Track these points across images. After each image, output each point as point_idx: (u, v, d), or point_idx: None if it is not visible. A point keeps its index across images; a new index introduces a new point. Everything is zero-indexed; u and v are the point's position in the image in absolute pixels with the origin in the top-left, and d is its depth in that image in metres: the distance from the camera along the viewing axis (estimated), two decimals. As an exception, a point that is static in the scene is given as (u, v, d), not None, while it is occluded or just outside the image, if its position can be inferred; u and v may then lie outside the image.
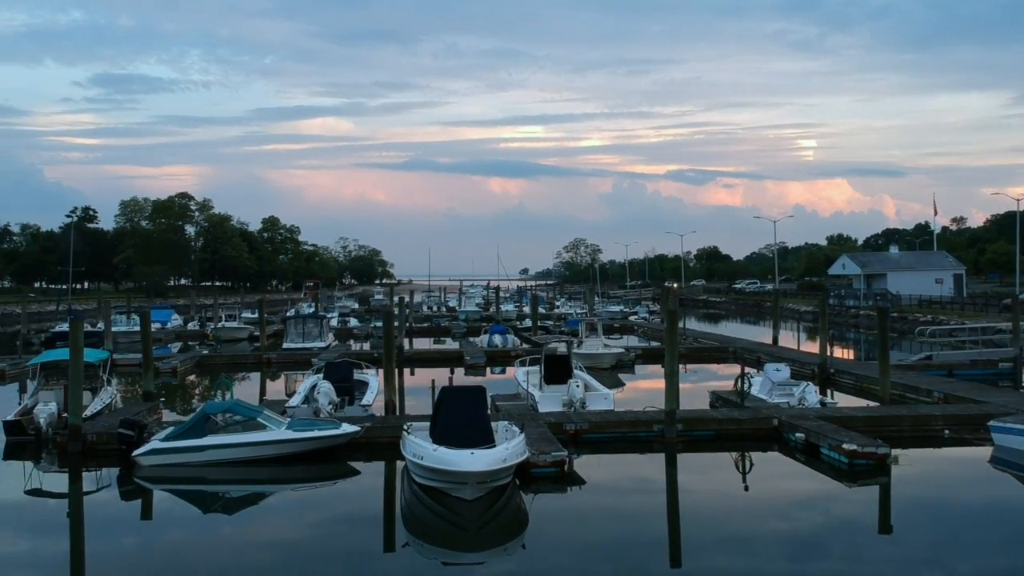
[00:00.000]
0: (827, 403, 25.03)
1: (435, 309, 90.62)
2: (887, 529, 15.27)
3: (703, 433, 21.79)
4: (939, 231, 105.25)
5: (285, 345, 48.82)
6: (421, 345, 54.02)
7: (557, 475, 17.74)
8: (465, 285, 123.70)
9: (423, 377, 33.60)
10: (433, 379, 23.22)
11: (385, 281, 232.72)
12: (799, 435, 20.39)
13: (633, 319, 74.09)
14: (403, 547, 14.23)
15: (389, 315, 26.94)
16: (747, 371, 26.79)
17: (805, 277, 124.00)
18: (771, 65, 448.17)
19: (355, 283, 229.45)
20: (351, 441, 20.39)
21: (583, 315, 62.20)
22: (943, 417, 22.58)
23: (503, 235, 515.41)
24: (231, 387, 26.47)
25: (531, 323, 58.60)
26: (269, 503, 17.94)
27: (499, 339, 47.32)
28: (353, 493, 18.64)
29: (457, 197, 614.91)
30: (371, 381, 29.13)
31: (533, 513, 15.82)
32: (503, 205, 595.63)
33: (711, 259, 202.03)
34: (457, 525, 15.14)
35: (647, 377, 37.16)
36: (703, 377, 36.31)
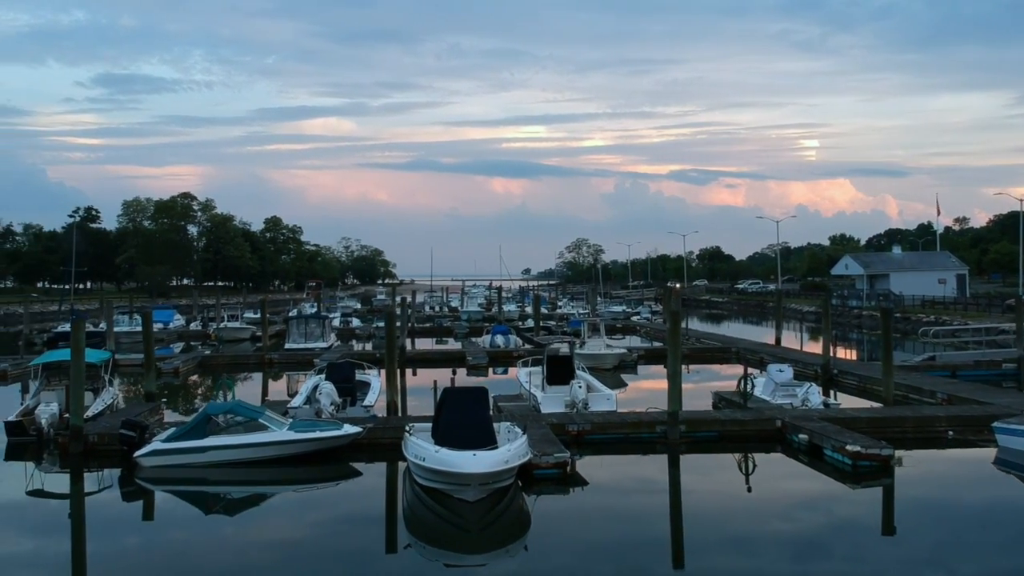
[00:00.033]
0: (830, 404, 24.93)
1: (437, 309, 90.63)
2: (890, 531, 15.21)
3: (706, 434, 21.74)
4: (942, 231, 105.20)
5: (287, 345, 48.81)
6: (423, 345, 54.00)
7: (560, 476, 17.69)
8: (467, 285, 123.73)
9: (425, 377, 33.56)
10: (435, 380, 23.15)
11: (387, 281, 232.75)
12: (802, 436, 20.33)
13: (635, 319, 74.02)
14: (405, 548, 14.21)
15: (391, 316, 26.90)
16: (750, 372, 26.74)
17: (808, 277, 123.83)
18: (774, 65, 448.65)
19: (357, 283, 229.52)
20: (353, 442, 20.36)
21: (585, 315, 62.12)
22: (947, 418, 22.52)
23: (505, 235, 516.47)
24: (233, 388, 26.48)
25: (533, 323, 58.51)
26: (271, 504, 17.91)
27: (501, 339, 47.28)
28: (355, 494, 18.61)
29: (459, 197, 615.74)
30: (373, 382, 29.09)
31: (535, 515, 15.79)
32: (505, 205, 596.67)
33: (713, 259, 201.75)
34: (459, 527, 15.10)
35: (649, 377, 37.13)
36: (705, 377, 36.26)
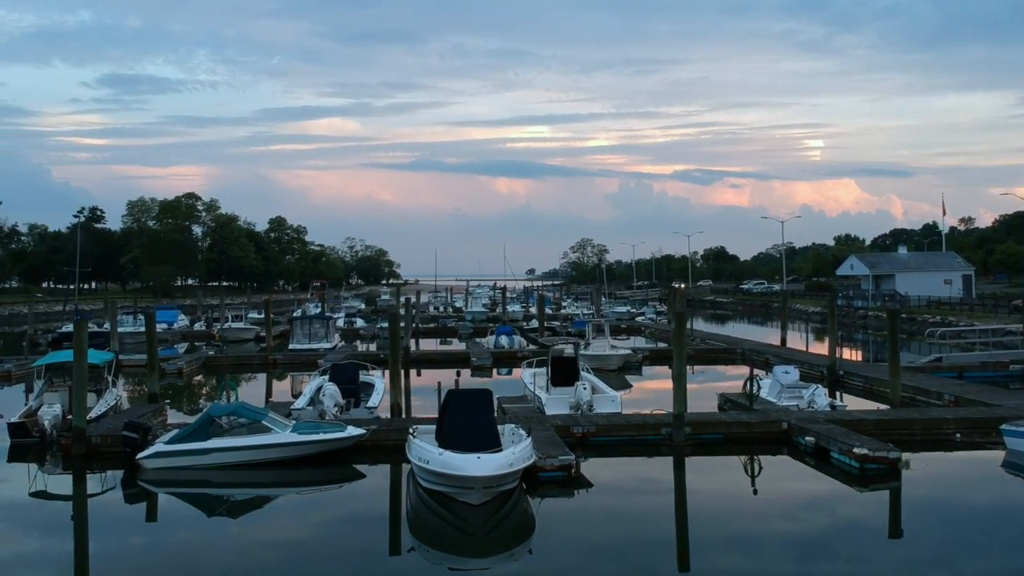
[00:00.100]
0: (837, 406, 24.78)
1: (441, 309, 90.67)
2: (897, 533, 15.13)
3: (712, 436, 21.62)
4: (947, 231, 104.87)
5: (291, 346, 48.77)
6: (427, 346, 53.89)
7: (564, 479, 17.58)
8: (471, 285, 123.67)
9: (429, 378, 33.51)
10: (439, 381, 23.05)
11: (392, 281, 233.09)
12: (809, 439, 20.20)
13: (640, 320, 73.92)
14: (408, 551, 14.14)
15: (395, 317, 26.82)
16: (755, 373, 26.58)
17: (813, 278, 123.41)
18: (778, 65, 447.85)
19: (362, 283, 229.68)
20: (356, 444, 20.28)
21: (590, 316, 62.00)
22: (954, 420, 22.37)
23: (509, 235, 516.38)
24: (236, 389, 26.44)
25: (538, 324, 58.42)
26: (274, 506, 17.82)
27: (505, 340, 47.16)
28: (358, 496, 18.51)
29: (464, 197, 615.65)
30: (377, 383, 28.99)
31: (540, 518, 15.68)
32: (510, 205, 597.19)
33: (718, 259, 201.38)
34: (463, 530, 15.01)
35: (654, 378, 37.01)
36: (710, 378, 36.12)
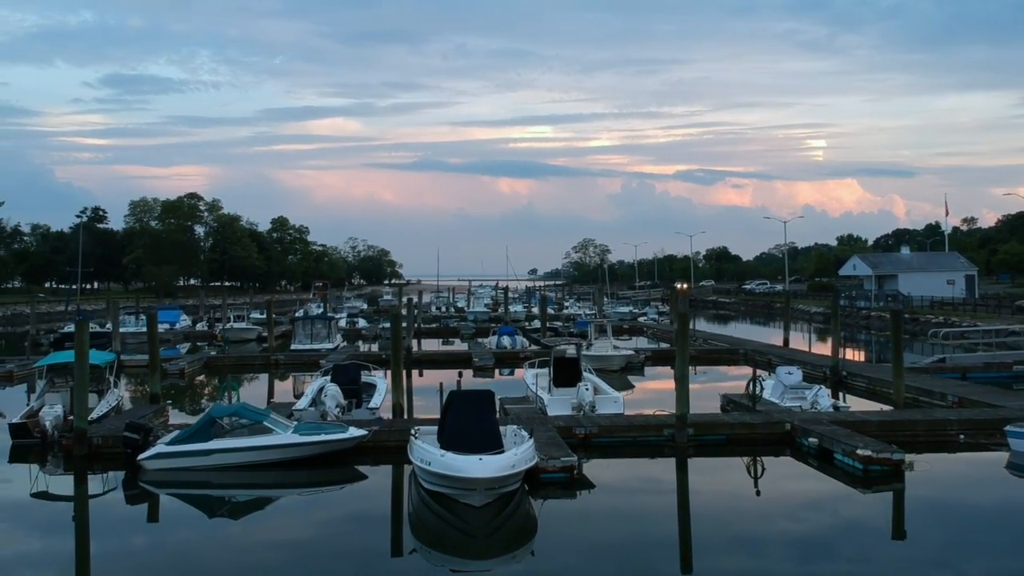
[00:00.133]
0: (840, 407, 24.71)
1: (444, 310, 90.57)
2: (901, 535, 15.07)
3: (714, 437, 21.55)
4: (950, 231, 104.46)
5: (293, 346, 48.71)
6: (430, 346, 53.87)
7: (567, 480, 17.53)
8: (474, 285, 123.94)
9: (431, 378, 33.47)
10: (441, 381, 23.06)
11: (394, 281, 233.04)
12: (812, 440, 20.12)
13: (642, 320, 73.85)
14: (410, 553, 14.10)
15: (397, 317, 26.71)
16: (758, 374, 26.51)
17: (815, 278, 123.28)
18: (780, 65, 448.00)
19: (364, 283, 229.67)
20: (358, 445, 20.21)
21: (592, 316, 61.94)
22: (958, 422, 22.29)
23: (512, 235, 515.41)
24: (238, 389, 26.41)
25: (540, 324, 58.36)
26: (276, 507, 17.78)
27: (508, 340, 47.09)
28: (360, 497, 18.47)
29: (466, 197, 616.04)
30: (379, 383, 28.95)
31: (542, 519, 15.62)
32: (512, 205, 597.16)
33: (720, 259, 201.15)
34: (465, 532, 14.96)
35: (657, 378, 36.93)
36: (713, 378, 36.05)
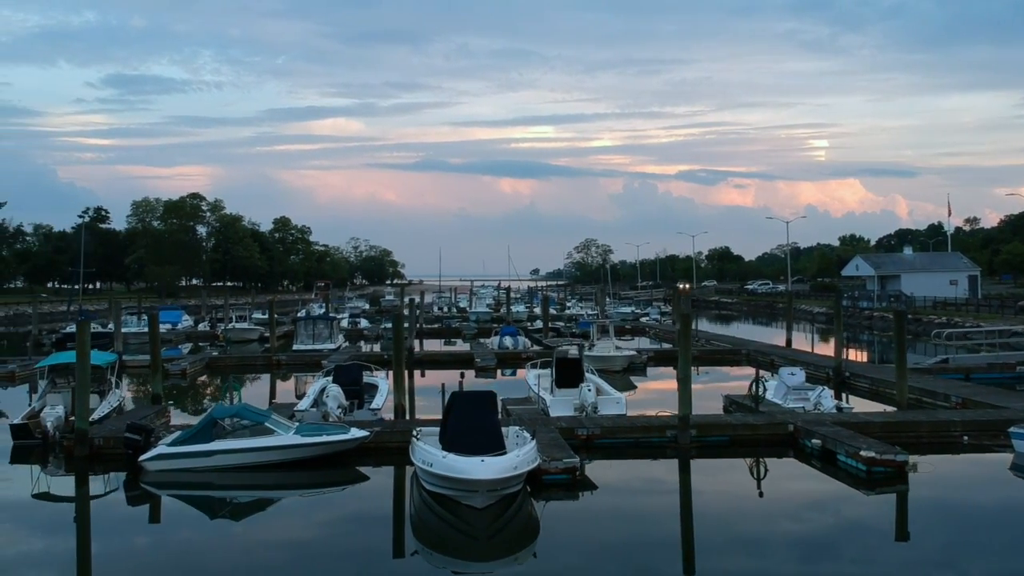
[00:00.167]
0: (843, 408, 24.66)
1: (446, 310, 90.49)
2: (904, 536, 15.05)
3: (717, 439, 21.47)
4: (952, 232, 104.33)
5: (295, 347, 48.67)
6: (432, 346, 53.85)
7: (569, 482, 17.48)
8: (476, 286, 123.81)
9: (433, 379, 33.44)
10: (443, 382, 22.99)
11: (396, 282, 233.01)
12: (815, 441, 20.05)
13: (644, 320, 73.76)
14: (412, 555, 14.05)
15: (399, 318, 26.64)
16: (761, 375, 26.44)
17: (817, 278, 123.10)
18: (783, 65, 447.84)
19: (366, 283, 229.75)
20: (360, 446, 20.15)
21: (594, 316, 61.86)
22: (962, 423, 22.21)
23: (514, 235, 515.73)
24: (239, 390, 26.36)
25: (542, 324, 58.31)
26: (277, 508, 17.75)
27: (510, 341, 47.06)
28: (362, 499, 18.41)
29: (468, 197, 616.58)
30: (381, 384, 28.92)
31: (544, 521, 15.56)
32: (514, 205, 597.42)
33: (723, 260, 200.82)
34: (467, 533, 14.90)
35: (659, 379, 36.87)
36: (715, 379, 35.98)
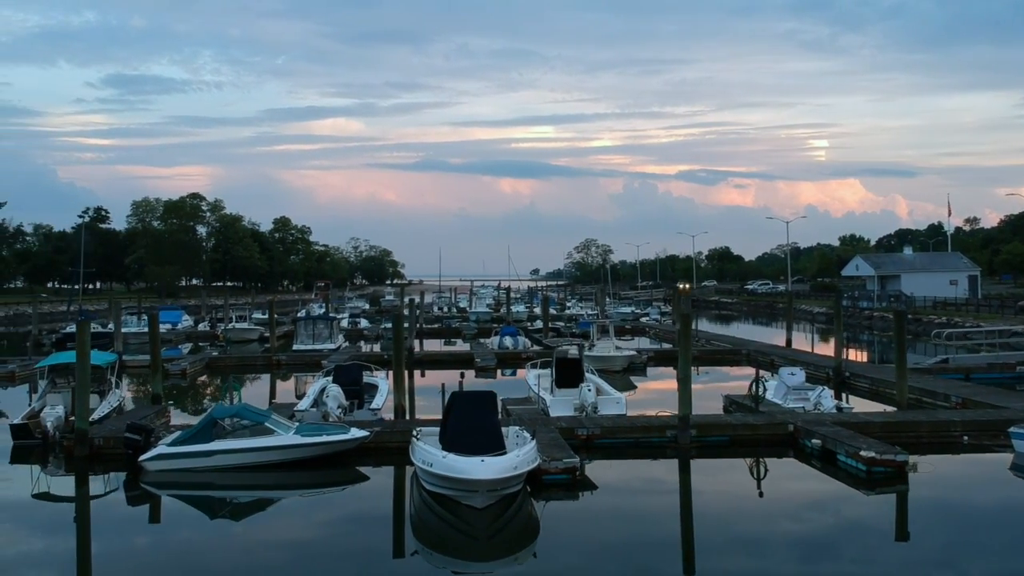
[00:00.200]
0: (843, 408, 24.66)
1: (446, 310, 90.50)
2: (904, 536, 15.06)
3: (717, 439, 21.47)
4: (952, 232, 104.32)
5: (295, 347, 48.67)
6: (432, 347, 53.85)
7: (569, 482, 17.48)
8: (476, 286, 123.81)
9: (433, 379, 33.43)
10: (443, 382, 22.99)
11: (396, 282, 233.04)
12: (815, 441, 20.05)
13: (644, 320, 73.76)
14: (412, 555, 14.05)
15: (399, 318, 26.63)
16: (761, 375, 26.44)
17: (817, 278, 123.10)
18: (783, 65, 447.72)
19: (366, 283, 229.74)
20: (360, 446, 20.14)
21: (594, 316, 61.86)
22: (962, 423, 22.21)
23: (514, 235, 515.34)
24: (239, 390, 26.36)
25: (542, 324, 58.31)
26: (277, 508, 17.74)
27: (510, 341, 47.05)
28: (362, 499, 18.41)
29: (468, 197, 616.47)
30: (381, 384, 28.92)
31: (544, 521, 15.56)
32: (514, 205, 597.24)
33: (723, 260, 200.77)
34: (467, 533, 14.90)
35: (659, 379, 36.87)
36: (715, 379, 35.98)
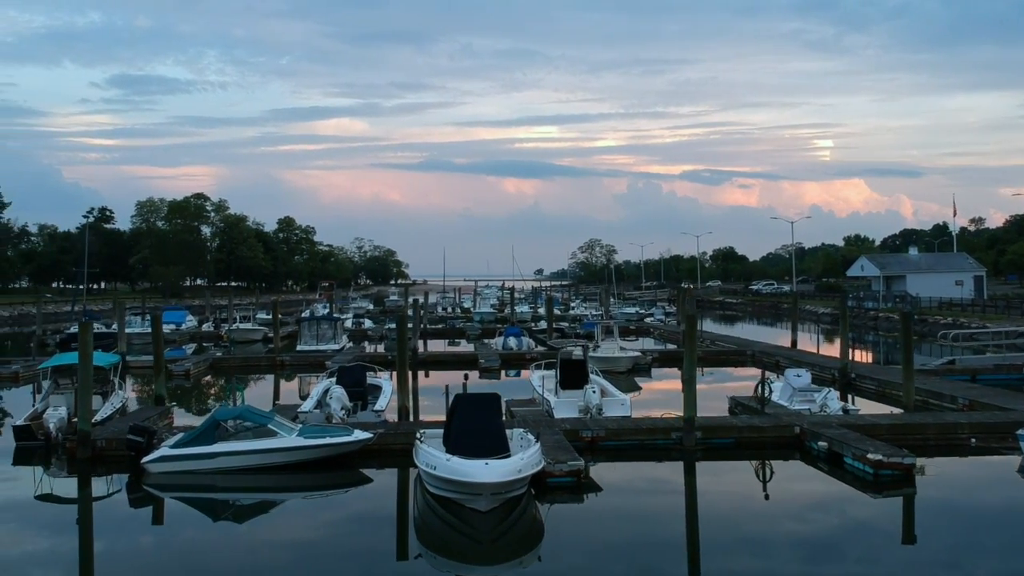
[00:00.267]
0: (849, 410, 24.51)
1: (450, 310, 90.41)
2: (911, 539, 14.98)
3: (722, 441, 21.33)
4: (957, 232, 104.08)
5: (299, 347, 48.66)
6: (435, 347, 53.76)
7: (573, 484, 17.37)
8: (480, 286, 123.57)
9: (437, 380, 33.33)
10: (447, 384, 22.83)
11: (400, 282, 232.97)
12: (822, 444, 19.92)
13: (649, 321, 73.58)
14: (416, 558, 13.96)
15: (402, 320, 26.50)
16: (767, 376, 26.27)
17: (822, 278, 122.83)
18: (787, 65, 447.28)
19: (370, 283, 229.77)
20: (364, 448, 20.05)
21: (599, 317, 61.71)
22: (969, 425, 22.06)
23: (518, 235, 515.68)
24: (243, 391, 26.29)
25: (546, 325, 58.16)
26: (280, 511, 17.65)
27: (514, 341, 46.93)
28: (365, 501, 18.33)
29: (472, 197, 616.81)
30: (384, 385, 28.83)
31: (549, 524, 15.47)
32: (518, 205, 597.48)
33: (727, 260, 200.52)
34: (471, 537, 14.79)
35: (664, 379, 36.73)
36: (720, 379, 35.86)
